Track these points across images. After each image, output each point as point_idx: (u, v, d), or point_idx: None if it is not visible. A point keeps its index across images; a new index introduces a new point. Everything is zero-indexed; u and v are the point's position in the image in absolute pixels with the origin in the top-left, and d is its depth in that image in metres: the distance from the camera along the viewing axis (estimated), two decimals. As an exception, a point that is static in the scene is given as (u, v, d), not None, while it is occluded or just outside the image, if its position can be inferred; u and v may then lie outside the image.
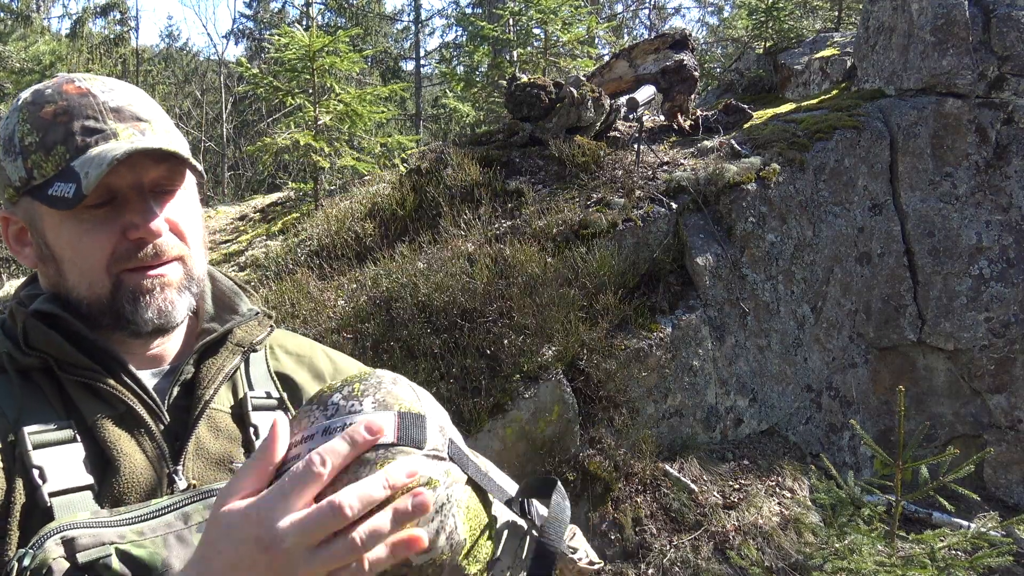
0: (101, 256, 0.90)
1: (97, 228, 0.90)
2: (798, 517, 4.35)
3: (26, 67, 12.14)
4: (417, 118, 17.36)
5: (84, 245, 0.90)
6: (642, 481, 4.30)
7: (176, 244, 0.94)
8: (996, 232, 5.63)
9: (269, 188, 14.30)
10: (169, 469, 0.90)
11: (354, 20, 18.70)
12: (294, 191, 8.72)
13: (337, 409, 0.75)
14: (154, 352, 0.98)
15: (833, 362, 5.35)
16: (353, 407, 0.74)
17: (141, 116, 0.93)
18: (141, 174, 0.91)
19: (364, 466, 0.69)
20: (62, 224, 0.91)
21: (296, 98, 7.78)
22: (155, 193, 0.93)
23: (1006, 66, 5.84)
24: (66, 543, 0.79)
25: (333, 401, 0.76)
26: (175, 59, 23.23)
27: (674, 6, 23.36)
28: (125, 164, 0.89)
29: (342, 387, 0.78)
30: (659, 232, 4.99)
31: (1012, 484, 5.41)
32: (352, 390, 0.77)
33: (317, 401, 0.78)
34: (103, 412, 0.89)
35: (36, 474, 0.82)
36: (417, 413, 0.75)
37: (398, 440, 0.72)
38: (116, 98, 0.93)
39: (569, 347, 4.37)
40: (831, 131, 5.64)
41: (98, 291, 0.91)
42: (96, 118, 0.90)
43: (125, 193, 0.91)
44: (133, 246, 0.90)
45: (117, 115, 0.92)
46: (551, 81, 6.14)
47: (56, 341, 0.90)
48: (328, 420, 0.74)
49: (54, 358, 0.90)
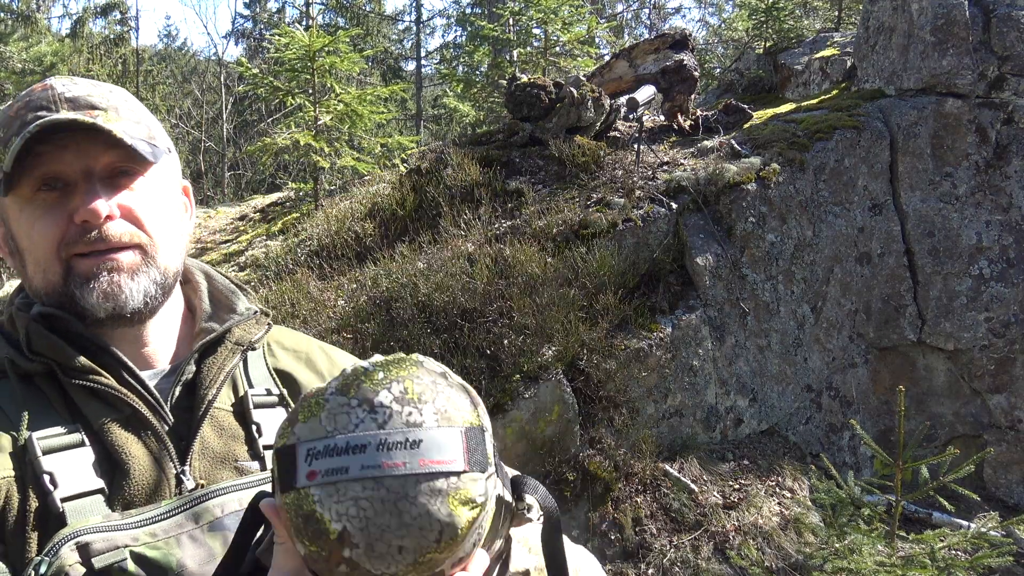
0: (51, 241, 0.90)
1: (48, 214, 0.90)
2: (798, 517, 4.35)
3: (27, 67, 12.14)
4: (417, 118, 17.36)
5: (36, 231, 0.91)
6: (642, 481, 4.30)
7: (130, 230, 0.93)
8: (996, 232, 5.63)
9: (269, 188, 14.32)
10: (177, 469, 0.90)
11: (355, 20, 18.70)
12: (294, 191, 8.72)
13: (390, 416, 0.64)
14: (149, 350, 0.98)
15: (833, 362, 5.35)
16: (412, 417, 0.65)
17: (97, 104, 0.93)
18: (90, 160, 0.91)
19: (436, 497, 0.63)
20: (21, 214, 0.92)
21: (296, 98, 7.79)
22: (109, 179, 0.93)
23: (1006, 66, 5.84)
24: (81, 548, 0.79)
25: (382, 403, 0.65)
26: (173, 59, 23.24)
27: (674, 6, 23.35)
28: (71, 151, 0.90)
29: (386, 381, 0.66)
30: (659, 232, 4.99)
31: (1012, 484, 5.41)
32: (405, 390, 0.66)
33: (358, 396, 0.66)
34: (108, 415, 0.89)
35: (47, 480, 0.82)
36: (479, 427, 0.68)
37: (468, 466, 0.65)
38: (75, 90, 0.93)
39: (569, 347, 4.37)
40: (831, 131, 5.64)
41: (51, 278, 0.92)
42: (48, 108, 0.91)
43: (74, 179, 0.91)
44: (80, 230, 0.90)
45: (71, 104, 0.92)
46: (551, 81, 6.14)
47: (58, 345, 0.90)
48: (382, 431, 0.64)
49: (57, 363, 0.90)
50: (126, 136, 0.90)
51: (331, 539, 0.62)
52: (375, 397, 0.65)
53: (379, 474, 0.63)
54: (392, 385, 0.66)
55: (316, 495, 0.63)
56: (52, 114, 0.90)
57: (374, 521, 0.62)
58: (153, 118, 1.01)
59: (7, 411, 0.88)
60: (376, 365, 0.68)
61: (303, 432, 0.66)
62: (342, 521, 0.62)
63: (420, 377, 0.67)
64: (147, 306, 0.94)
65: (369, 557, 0.62)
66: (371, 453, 0.63)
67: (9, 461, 0.84)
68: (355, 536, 0.62)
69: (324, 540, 0.63)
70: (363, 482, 0.63)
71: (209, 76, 21.09)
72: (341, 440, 0.64)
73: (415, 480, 0.63)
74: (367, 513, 0.62)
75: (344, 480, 0.63)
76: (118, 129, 0.90)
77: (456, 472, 0.64)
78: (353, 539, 0.62)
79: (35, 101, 0.92)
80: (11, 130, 0.90)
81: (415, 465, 0.63)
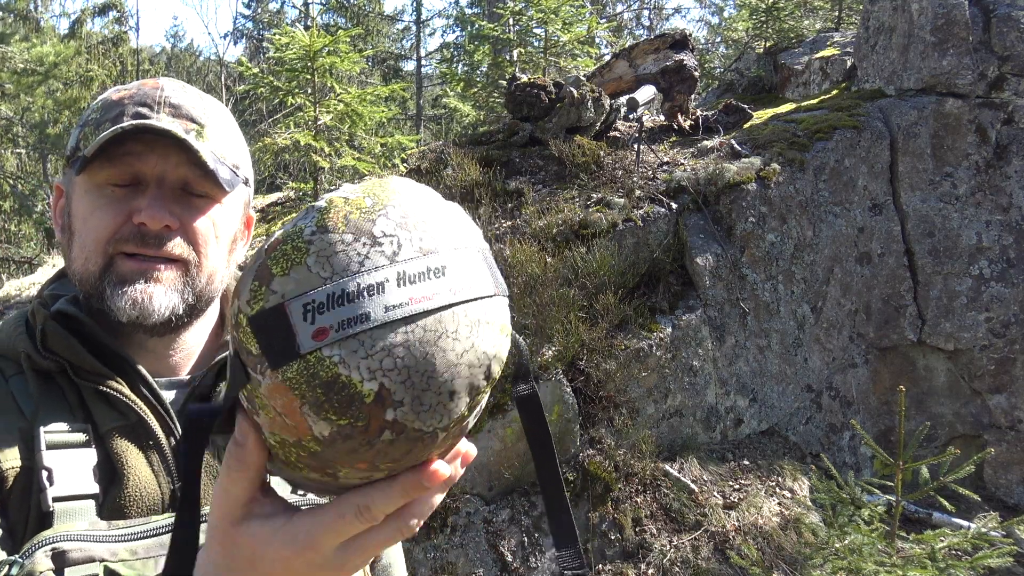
0: (103, 232, 0.90)
1: (110, 205, 0.91)
2: (798, 517, 4.35)
3: (29, 68, 12.14)
4: (418, 118, 17.37)
5: (93, 218, 0.91)
6: (642, 481, 4.30)
7: (182, 246, 0.92)
8: (996, 232, 5.63)
9: (269, 188, 14.31)
10: (174, 485, 0.88)
11: (355, 20, 18.70)
12: (294, 191, 8.71)
13: (400, 246, 0.52)
14: (173, 360, 0.97)
15: (833, 362, 5.35)
16: (425, 243, 0.53)
17: (196, 119, 0.93)
18: (169, 168, 0.91)
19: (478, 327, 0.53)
20: (85, 196, 0.92)
21: (296, 98, 7.78)
22: (181, 191, 0.93)
23: (1006, 66, 5.84)
24: (56, 555, 0.77)
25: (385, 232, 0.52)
26: (179, 59, 23.25)
27: (674, 6, 23.37)
28: (155, 152, 0.90)
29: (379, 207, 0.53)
30: (659, 232, 4.99)
31: (1012, 484, 5.41)
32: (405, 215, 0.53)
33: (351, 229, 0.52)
34: (115, 420, 0.88)
35: (44, 476, 0.81)
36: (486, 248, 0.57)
37: (497, 290, 0.55)
38: (182, 98, 0.94)
39: (569, 347, 4.37)
40: (831, 131, 5.64)
41: (91, 267, 0.91)
42: (151, 107, 0.92)
43: (148, 181, 0.91)
44: (135, 230, 0.90)
45: (173, 110, 0.93)
46: (551, 81, 6.14)
47: (73, 346, 0.89)
48: (398, 264, 0.51)
49: (70, 363, 0.89)
50: (210, 159, 0.91)
51: (368, 403, 0.50)
52: (373, 227, 0.52)
53: (409, 312, 0.50)
54: (388, 210, 0.53)
55: (335, 355, 0.49)
56: (152, 114, 0.91)
57: (416, 369, 0.50)
58: (244, 144, 1.02)
59: (22, 405, 0.87)
60: (357, 191, 0.55)
61: (286, 287, 0.51)
62: (376, 378, 0.50)
63: (414, 197, 0.55)
64: (171, 323, 0.93)
65: (418, 413, 0.51)
66: (392, 291, 0.50)
67: (18, 452, 0.84)
68: (397, 392, 0.50)
69: (358, 407, 0.50)
70: (391, 326, 0.50)
71: (211, 76, 21.10)
72: (348, 283, 0.50)
73: (451, 311, 0.52)
74: (406, 361, 0.50)
75: (367, 329, 0.50)
76: (205, 150, 0.90)
77: (488, 296, 0.54)
78: (395, 396, 0.50)
79: (141, 96, 0.93)
80: (108, 115, 0.91)
81: (447, 295, 0.52)
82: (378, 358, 0.50)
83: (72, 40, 14.57)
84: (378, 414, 0.50)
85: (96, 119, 0.92)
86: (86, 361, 0.89)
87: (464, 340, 0.52)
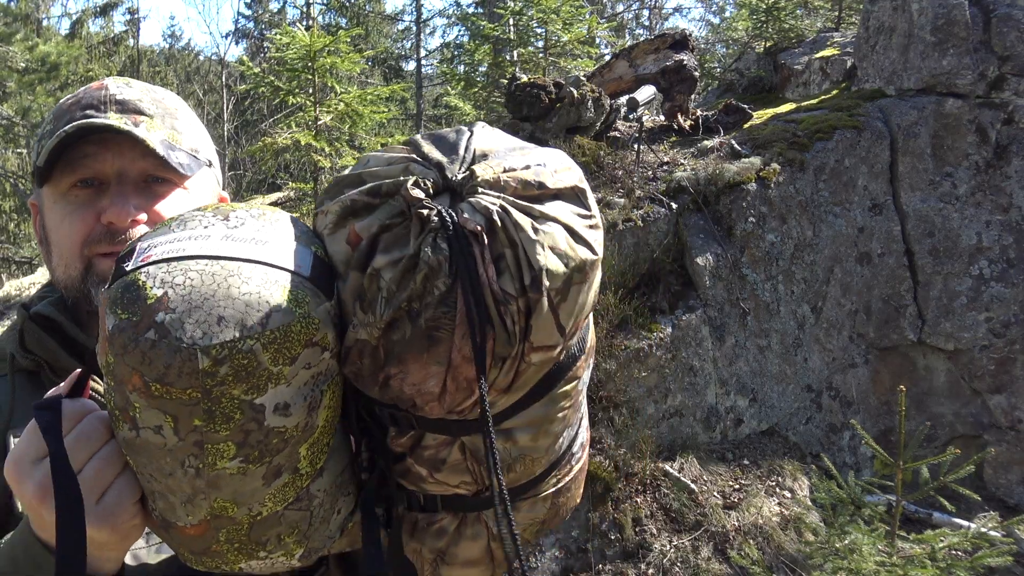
0: (76, 237, 0.91)
1: (78, 210, 0.92)
2: (798, 517, 4.36)
3: (30, 67, 12.14)
4: (418, 118, 17.37)
5: (64, 226, 0.92)
6: (642, 481, 4.30)
7: None
8: (996, 232, 5.63)
9: (269, 188, 14.31)
10: None
11: (355, 20, 18.71)
12: (294, 191, 8.72)
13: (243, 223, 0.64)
14: None
15: (833, 362, 5.35)
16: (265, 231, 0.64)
17: (144, 111, 0.94)
18: (126, 163, 0.92)
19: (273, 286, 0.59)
20: (55, 206, 0.93)
21: (297, 98, 7.78)
22: (143, 184, 0.93)
23: (1006, 66, 5.84)
24: None
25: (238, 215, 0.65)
26: (177, 59, 23.26)
27: (674, 6, 23.37)
28: (110, 151, 0.91)
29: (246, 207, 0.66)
30: (659, 232, 5.00)
31: (1012, 484, 5.41)
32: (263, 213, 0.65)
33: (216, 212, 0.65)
34: None
35: None
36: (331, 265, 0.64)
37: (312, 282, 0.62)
38: (127, 94, 0.95)
39: (569, 347, 4.37)
40: (831, 131, 5.64)
41: (72, 273, 0.92)
42: (97, 107, 0.92)
43: (108, 179, 0.92)
44: (106, 230, 0.91)
45: (120, 106, 0.93)
46: (551, 81, 6.14)
47: (49, 345, 0.91)
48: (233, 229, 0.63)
49: (47, 362, 0.91)
50: (160, 146, 0.91)
51: (147, 304, 0.57)
52: (232, 212, 0.63)
53: (217, 253, 0.59)
54: (252, 210, 0.64)
55: (146, 271, 0.59)
56: (99, 114, 0.91)
57: (199, 290, 0.57)
58: (202, 129, 1.02)
59: (2, 405, 0.88)
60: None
61: (148, 237, 0.63)
62: (164, 288, 0.57)
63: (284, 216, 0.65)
64: None
65: (183, 322, 0.56)
66: (214, 241, 0.60)
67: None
68: (173, 300, 0.57)
69: (138, 305, 0.57)
70: (197, 259, 0.59)
71: (211, 76, 21.10)
72: (185, 234, 0.61)
73: (253, 265, 0.59)
74: (194, 282, 0.57)
75: (178, 258, 0.59)
76: (154, 138, 0.91)
77: (300, 275, 0.60)
78: (171, 303, 0.57)
79: (87, 99, 0.94)
80: (60, 124, 0.92)
81: (258, 256, 0.60)
82: (173, 275, 0.58)
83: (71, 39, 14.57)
84: (150, 314, 0.57)
85: (50, 130, 0.93)
86: (62, 360, 0.90)
87: (252, 285, 0.58)
